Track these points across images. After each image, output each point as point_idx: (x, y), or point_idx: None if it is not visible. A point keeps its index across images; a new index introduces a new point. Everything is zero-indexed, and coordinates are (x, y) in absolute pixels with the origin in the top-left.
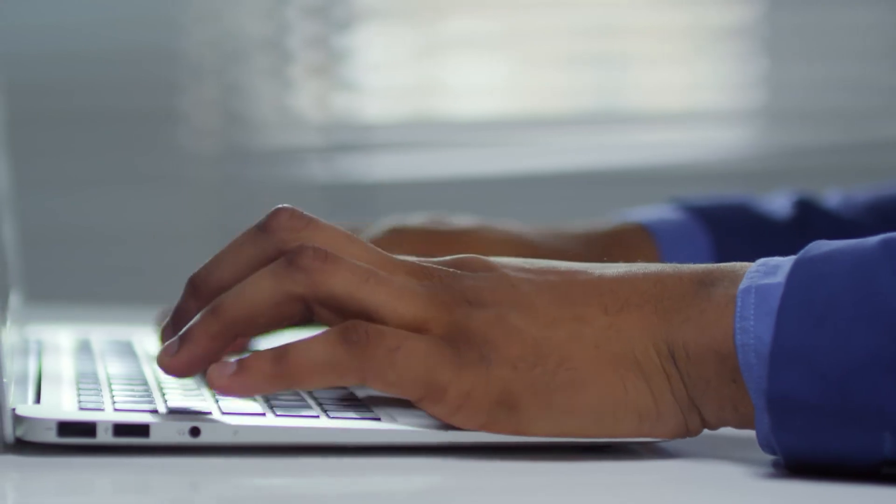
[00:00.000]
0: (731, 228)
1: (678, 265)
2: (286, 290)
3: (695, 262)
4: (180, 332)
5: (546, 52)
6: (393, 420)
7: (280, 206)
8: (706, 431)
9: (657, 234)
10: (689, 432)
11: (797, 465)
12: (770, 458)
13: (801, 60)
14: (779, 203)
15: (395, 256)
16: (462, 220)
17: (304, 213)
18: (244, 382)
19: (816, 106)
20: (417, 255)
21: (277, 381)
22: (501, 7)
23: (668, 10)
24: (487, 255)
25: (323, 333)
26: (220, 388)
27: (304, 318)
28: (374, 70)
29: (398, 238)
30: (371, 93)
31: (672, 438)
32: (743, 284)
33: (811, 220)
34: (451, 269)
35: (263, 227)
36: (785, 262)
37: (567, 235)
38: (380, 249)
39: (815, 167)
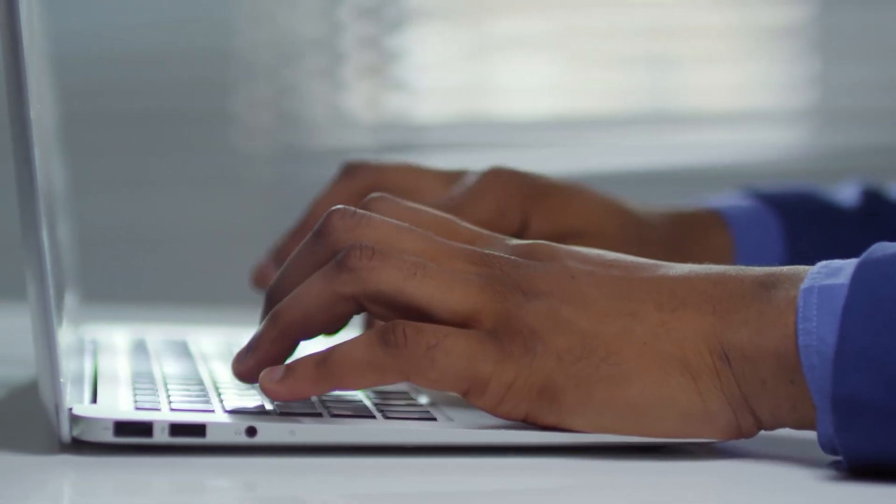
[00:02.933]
0: (802, 216)
1: (742, 267)
2: (336, 291)
3: (767, 249)
4: (248, 342)
5: (597, 53)
6: (449, 420)
7: (333, 208)
8: (763, 431)
9: (730, 220)
10: (741, 434)
11: (860, 466)
12: (830, 458)
13: (854, 60)
14: (846, 192)
15: (453, 244)
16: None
17: (357, 210)
18: (291, 385)
19: (869, 106)
20: (508, 202)
21: (321, 382)
22: (552, 8)
23: (719, 11)
24: (583, 215)
25: (364, 335)
26: (270, 393)
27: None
28: (426, 71)
29: (494, 178)
30: (423, 93)
31: (724, 439)
32: (805, 285)
33: (879, 209)
34: (510, 257)
35: (319, 233)
36: (847, 264)
37: (657, 213)
38: (437, 238)
39: (868, 167)
